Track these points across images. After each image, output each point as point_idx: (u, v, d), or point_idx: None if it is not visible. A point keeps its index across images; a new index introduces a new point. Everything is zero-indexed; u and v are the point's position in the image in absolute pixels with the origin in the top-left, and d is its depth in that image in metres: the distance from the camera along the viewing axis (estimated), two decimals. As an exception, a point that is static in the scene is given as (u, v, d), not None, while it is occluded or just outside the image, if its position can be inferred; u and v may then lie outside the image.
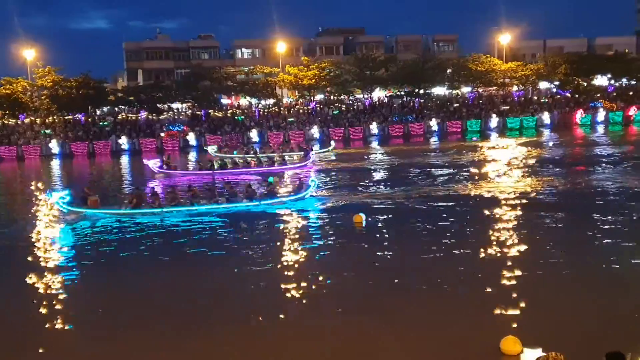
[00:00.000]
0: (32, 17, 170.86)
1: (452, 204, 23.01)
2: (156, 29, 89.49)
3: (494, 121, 58.71)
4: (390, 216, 21.73)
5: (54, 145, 51.68)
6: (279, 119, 61.29)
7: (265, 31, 78.67)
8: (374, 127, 57.69)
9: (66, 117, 61.34)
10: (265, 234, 19.80)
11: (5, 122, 59.68)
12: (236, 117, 62.65)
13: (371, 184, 29.55)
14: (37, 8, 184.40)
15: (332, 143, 46.45)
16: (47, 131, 55.51)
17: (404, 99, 70.92)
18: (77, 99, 60.29)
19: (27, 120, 59.72)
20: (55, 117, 60.83)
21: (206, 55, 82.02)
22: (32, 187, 32.34)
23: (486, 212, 21.10)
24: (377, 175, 32.69)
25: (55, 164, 46.94)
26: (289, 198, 24.37)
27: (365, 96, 69.93)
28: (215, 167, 35.23)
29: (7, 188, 36.13)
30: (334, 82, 67.68)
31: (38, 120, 59.43)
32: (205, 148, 47.74)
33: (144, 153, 50.02)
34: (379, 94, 73.97)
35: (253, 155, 39.44)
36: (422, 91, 70.18)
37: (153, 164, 35.07)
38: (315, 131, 56.46)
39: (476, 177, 29.54)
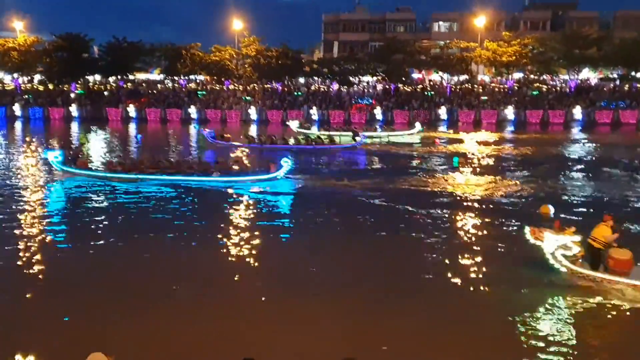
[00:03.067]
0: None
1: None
2: (355, 1, 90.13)
3: None
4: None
5: (253, 112, 54.98)
6: (471, 97, 58.18)
7: (465, 3, 74.82)
8: (577, 112, 51.98)
9: (265, 86, 64.98)
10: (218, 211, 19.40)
11: (213, 87, 65.15)
12: (426, 93, 60.88)
13: (555, 176, 26.26)
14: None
15: (417, 125, 43.39)
16: (248, 98, 59.33)
17: (617, 82, 62.80)
18: (276, 68, 63.29)
19: (231, 87, 64.53)
20: (255, 85, 64.75)
21: (402, 28, 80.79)
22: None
23: None
24: (565, 166, 29.01)
25: (253, 129, 49.74)
26: (260, 178, 23.76)
27: (571, 77, 63.26)
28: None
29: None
30: (536, 60, 62.16)
31: (240, 87, 63.84)
32: (286, 122, 46.30)
33: (332, 124, 50.96)
34: (587, 75, 66.48)
35: (331, 134, 38.58)
36: (640, 74, 61.45)
37: (208, 133, 35.82)
38: (509, 112, 52.58)
39: None
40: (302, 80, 71.04)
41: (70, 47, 63.00)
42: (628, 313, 11.27)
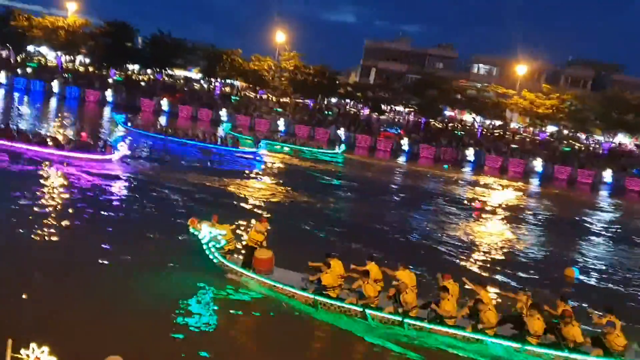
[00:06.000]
0: (289, 5, 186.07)
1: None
2: (399, 32, 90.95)
3: None
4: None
5: (281, 124, 55.17)
6: (501, 143, 57.67)
7: (508, 49, 74.91)
8: (607, 175, 51.06)
9: (297, 100, 65.34)
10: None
11: (247, 94, 65.74)
12: (456, 132, 60.57)
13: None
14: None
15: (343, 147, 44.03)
16: (279, 110, 59.64)
17: (653, 151, 61.82)
18: (312, 86, 63.64)
19: (264, 97, 65.01)
20: (288, 98, 65.15)
21: (441, 64, 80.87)
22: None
23: None
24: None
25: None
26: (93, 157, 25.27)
27: (606, 139, 62.41)
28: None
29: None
30: (573, 116, 61.51)
31: (274, 98, 64.26)
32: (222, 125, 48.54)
33: (357, 148, 50.88)
34: (622, 139, 65.59)
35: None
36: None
37: (119, 118, 37.78)
38: (538, 164, 51.87)
39: None
40: (334, 100, 71.30)
41: (116, 34, 64.20)
42: (258, 305, 12.79)
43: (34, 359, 5.80)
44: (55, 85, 58.50)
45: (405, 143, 53.54)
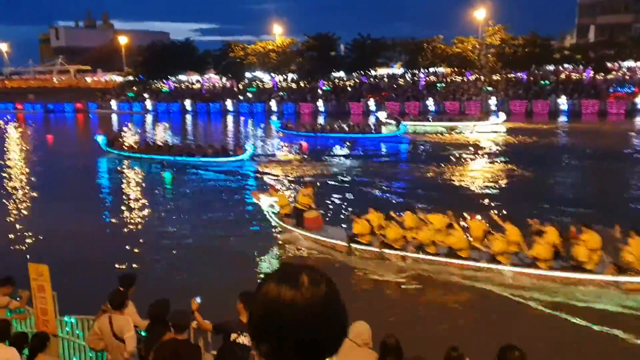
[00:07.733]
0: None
1: None
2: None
3: None
4: None
5: (493, 102, 52.21)
6: None
7: None
8: None
9: (508, 75, 61.35)
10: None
11: (453, 79, 63.69)
12: None
13: None
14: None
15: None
16: (489, 88, 56.59)
17: None
18: (522, 57, 59.32)
19: (472, 78, 62.31)
20: (498, 75, 61.52)
21: (678, 4, 69.09)
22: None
23: None
24: None
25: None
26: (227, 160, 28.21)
27: None
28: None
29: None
30: None
31: (482, 78, 61.25)
32: (375, 114, 47.32)
33: (584, 115, 45.80)
34: None
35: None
36: None
37: (275, 124, 41.12)
38: None
39: None
40: (550, 68, 65.29)
41: (320, 47, 67.34)
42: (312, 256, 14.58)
43: None
44: (273, 104, 63.32)
45: (642, 100, 46.72)
